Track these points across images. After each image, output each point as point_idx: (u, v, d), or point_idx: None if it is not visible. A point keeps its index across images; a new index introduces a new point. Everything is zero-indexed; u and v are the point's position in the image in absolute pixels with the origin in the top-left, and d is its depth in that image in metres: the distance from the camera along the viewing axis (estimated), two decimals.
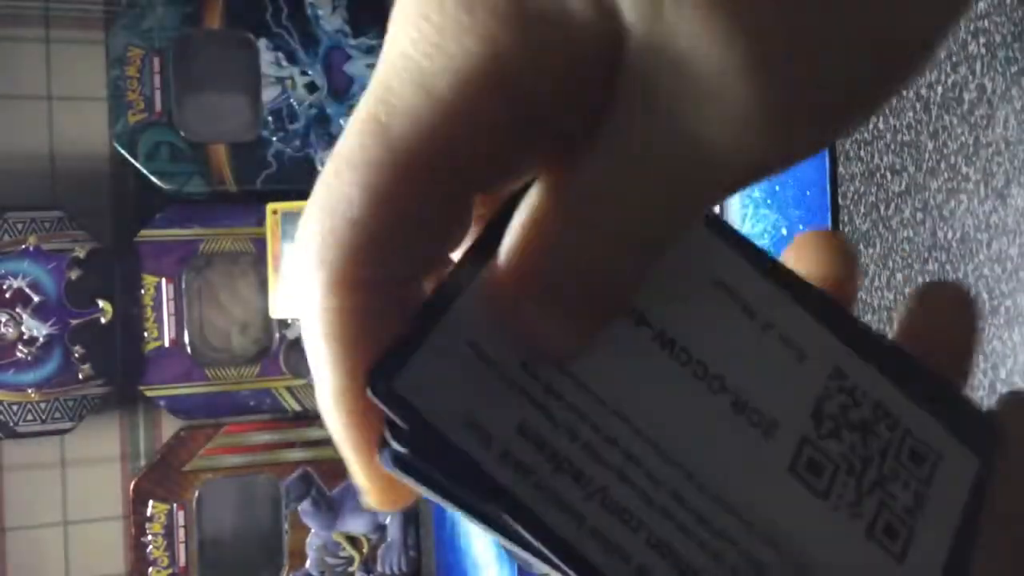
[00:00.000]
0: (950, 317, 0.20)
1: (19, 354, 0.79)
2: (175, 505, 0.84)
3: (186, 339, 0.85)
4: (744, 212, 0.57)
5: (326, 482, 0.86)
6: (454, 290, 0.16)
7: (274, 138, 0.86)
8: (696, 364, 0.17)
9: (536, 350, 0.16)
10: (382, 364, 0.15)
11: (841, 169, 0.49)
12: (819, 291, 0.19)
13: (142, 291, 0.84)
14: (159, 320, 0.84)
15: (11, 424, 0.79)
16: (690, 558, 0.15)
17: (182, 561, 0.84)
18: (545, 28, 0.14)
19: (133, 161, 0.83)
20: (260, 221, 0.85)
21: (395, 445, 0.15)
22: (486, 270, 0.16)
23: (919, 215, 0.45)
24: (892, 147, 0.47)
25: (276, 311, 0.85)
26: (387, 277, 0.15)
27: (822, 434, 0.17)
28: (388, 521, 0.88)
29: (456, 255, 0.17)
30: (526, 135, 0.15)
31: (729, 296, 0.18)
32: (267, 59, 0.87)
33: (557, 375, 0.16)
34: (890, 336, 0.20)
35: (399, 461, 0.15)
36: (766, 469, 0.16)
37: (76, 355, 0.81)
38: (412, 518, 0.90)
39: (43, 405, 0.80)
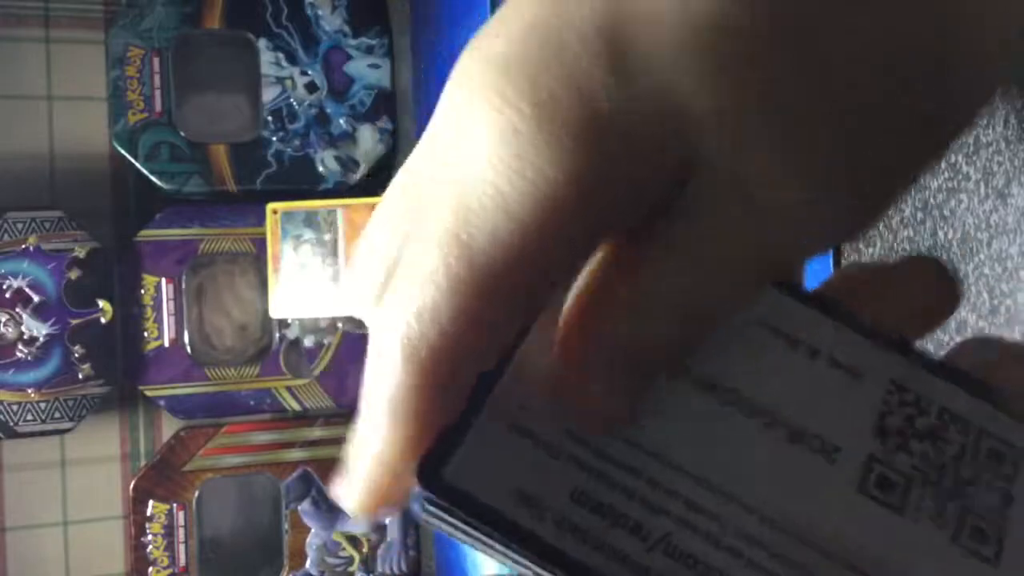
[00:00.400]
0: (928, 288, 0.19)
1: (19, 354, 0.79)
2: (175, 505, 0.84)
3: (186, 339, 0.85)
4: None
5: (326, 482, 0.86)
6: (496, 374, 0.16)
7: (274, 138, 0.86)
8: (744, 403, 0.17)
9: (590, 421, 0.16)
10: (430, 457, 0.16)
11: None
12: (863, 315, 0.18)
13: (142, 291, 0.84)
14: (159, 320, 0.84)
15: (11, 424, 0.79)
16: None
17: (182, 561, 0.83)
18: (624, 149, 0.15)
19: (133, 161, 0.83)
20: (260, 221, 0.85)
21: (442, 513, 0.15)
22: (522, 351, 0.17)
23: (919, 215, 0.45)
24: None
25: (276, 311, 0.85)
26: (467, 371, 0.16)
27: (889, 449, 0.17)
28: (388, 521, 0.88)
29: None
30: (596, 237, 0.16)
31: (770, 332, 0.18)
32: (267, 59, 0.87)
33: (605, 438, 0.16)
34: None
35: (437, 515, 0.16)
36: (834, 493, 0.16)
37: (76, 355, 0.80)
38: (412, 518, 0.90)
39: (43, 405, 0.80)
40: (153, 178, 0.84)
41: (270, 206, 0.84)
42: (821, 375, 0.17)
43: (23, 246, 0.80)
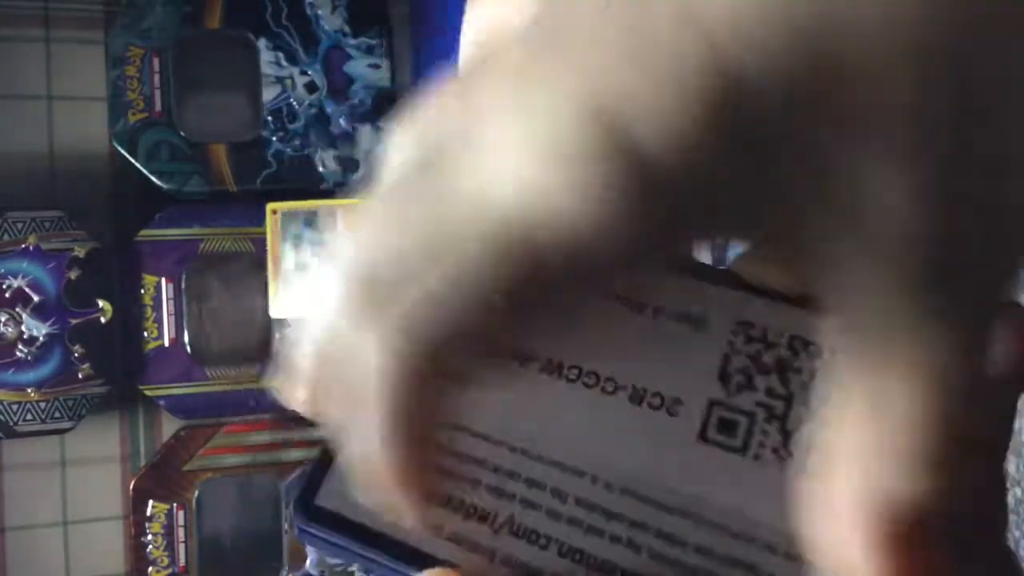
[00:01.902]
0: None
1: (19, 354, 0.79)
2: (175, 505, 0.84)
3: (186, 339, 0.85)
4: None
5: None
6: None
7: (274, 138, 0.86)
8: (587, 375, 0.17)
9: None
10: (304, 488, 0.16)
11: None
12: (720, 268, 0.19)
13: (142, 291, 0.84)
14: (159, 320, 0.84)
15: (11, 424, 0.79)
16: (604, 554, 0.16)
17: (182, 561, 0.84)
18: None
19: (133, 161, 0.83)
20: (260, 221, 0.85)
21: (318, 534, 0.16)
22: None
23: None
24: None
25: (276, 311, 0.85)
26: None
27: (731, 390, 0.17)
28: None
29: None
30: None
31: (620, 302, 0.18)
32: (267, 59, 0.87)
33: (454, 435, 0.17)
34: None
35: (314, 536, 0.17)
36: (674, 446, 0.16)
37: (76, 355, 0.80)
38: None
39: (43, 405, 0.80)
40: (153, 178, 0.84)
41: (270, 206, 0.84)
42: (664, 333, 0.17)
43: (23, 246, 0.80)
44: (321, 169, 0.87)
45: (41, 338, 0.80)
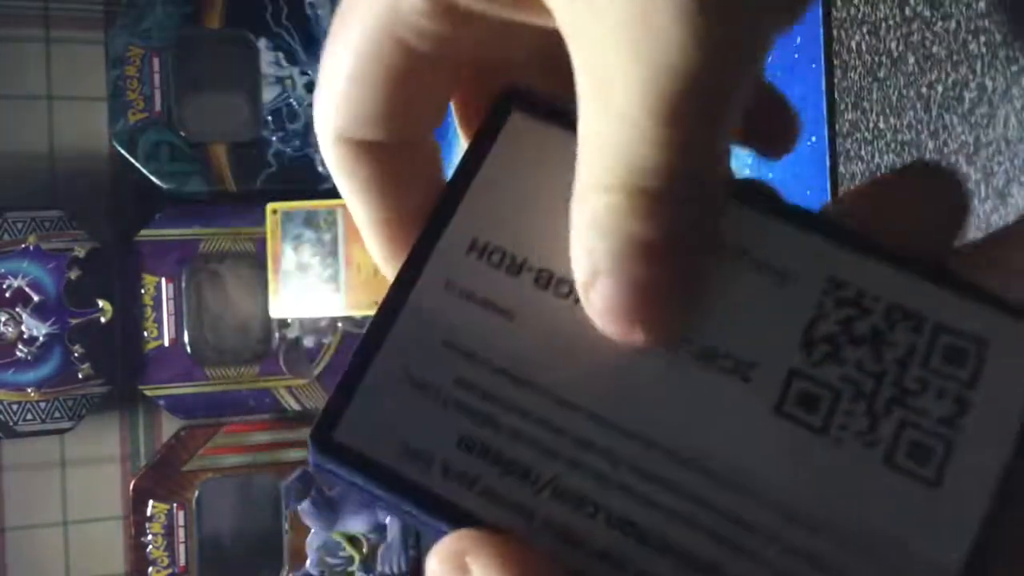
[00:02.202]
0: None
1: (19, 354, 0.79)
2: (175, 505, 0.84)
3: (186, 339, 0.85)
4: None
5: (326, 482, 0.86)
6: (387, 326, 0.16)
7: (274, 138, 0.86)
8: None
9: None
10: (323, 417, 0.15)
11: (841, 168, 0.49)
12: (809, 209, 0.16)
13: (142, 291, 0.84)
14: (159, 320, 0.84)
15: (11, 424, 0.79)
16: (657, 528, 0.14)
17: (182, 561, 0.83)
18: None
19: (133, 161, 0.83)
20: (260, 221, 0.85)
21: (334, 469, 0.15)
22: (414, 298, 0.16)
23: None
24: (892, 146, 0.47)
25: (276, 311, 0.85)
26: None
27: (816, 360, 0.15)
28: (388, 521, 0.88)
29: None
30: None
31: None
32: (267, 59, 0.87)
33: (495, 380, 0.15)
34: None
35: (330, 471, 0.15)
36: (745, 418, 0.14)
37: (76, 355, 0.80)
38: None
39: (43, 404, 0.80)
40: (153, 178, 0.84)
41: (270, 206, 0.84)
42: (742, 282, 0.15)
43: (23, 246, 0.80)
44: (321, 169, 0.87)
45: (41, 338, 0.80)
